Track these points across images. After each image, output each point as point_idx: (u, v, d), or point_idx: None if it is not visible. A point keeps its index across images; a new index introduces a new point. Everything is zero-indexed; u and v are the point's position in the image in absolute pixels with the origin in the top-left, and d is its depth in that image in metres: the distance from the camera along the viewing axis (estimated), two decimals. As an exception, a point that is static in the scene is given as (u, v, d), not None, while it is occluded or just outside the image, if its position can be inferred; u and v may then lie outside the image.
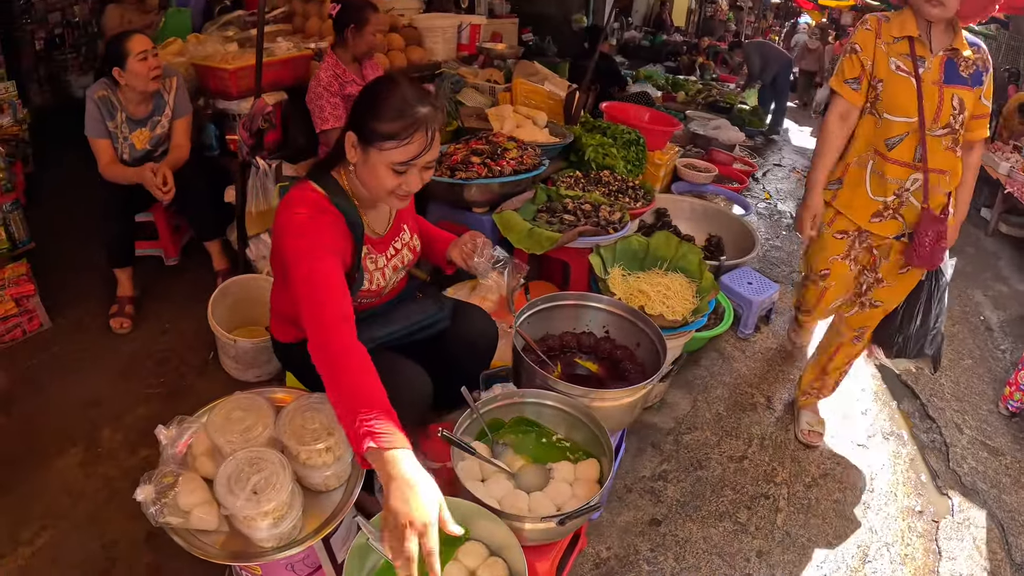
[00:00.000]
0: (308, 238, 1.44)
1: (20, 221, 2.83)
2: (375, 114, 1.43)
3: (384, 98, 1.45)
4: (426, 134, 1.45)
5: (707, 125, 5.62)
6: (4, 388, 2.43)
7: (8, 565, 1.85)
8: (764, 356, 3.16)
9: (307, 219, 1.47)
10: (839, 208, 2.28)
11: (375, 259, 1.70)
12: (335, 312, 1.36)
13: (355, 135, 1.48)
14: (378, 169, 1.47)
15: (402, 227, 1.79)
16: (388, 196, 1.53)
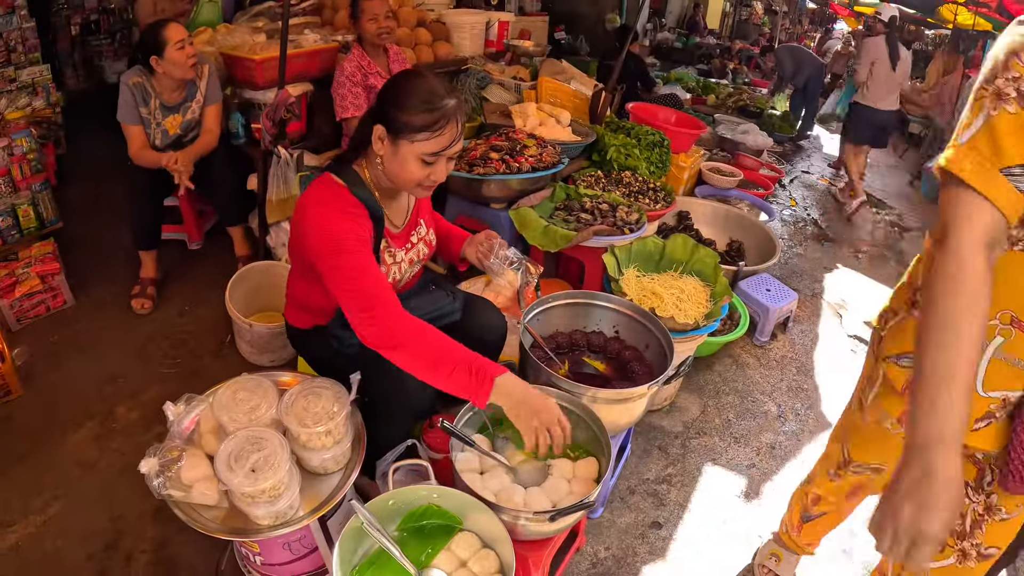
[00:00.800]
0: (342, 233, 1.47)
1: (49, 201, 2.92)
2: (406, 107, 1.45)
3: (414, 91, 1.47)
4: (456, 125, 1.49)
5: (735, 129, 5.55)
6: (26, 362, 2.50)
7: (19, 532, 1.91)
8: (779, 364, 3.11)
9: (339, 214, 1.50)
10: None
11: (393, 253, 1.71)
12: (391, 296, 1.45)
13: (383, 128, 1.49)
14: (408, 161, 1.49)
15: (419, 221, 1.81)
16: (415, 187, 1.56)
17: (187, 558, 1.86)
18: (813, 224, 5.05)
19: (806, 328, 3.45)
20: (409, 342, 1.41)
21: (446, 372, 1.38)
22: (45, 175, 2.92)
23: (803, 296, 3.80)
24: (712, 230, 4.00)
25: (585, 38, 9.93)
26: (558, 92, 4.06)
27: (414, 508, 1.47)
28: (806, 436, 2.65)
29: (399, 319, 1.43)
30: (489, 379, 1.38)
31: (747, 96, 6.89)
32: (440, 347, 1.41)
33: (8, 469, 2.11)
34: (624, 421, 1.93)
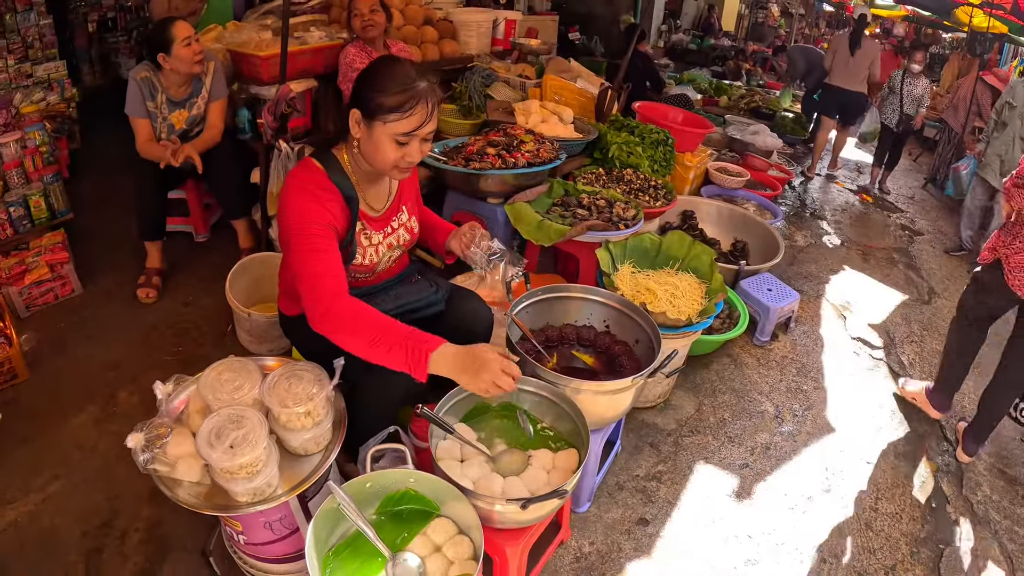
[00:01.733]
0: (306, 217, 1.52)
1: (60, 193, 2.99)
2: (378, 89, 1.50)
3: (386, 74, 1.52)
4: (427, 106, 1.53)
5: (745, 130, 5.54)
6: (33, 347, 2.57)
7: (18, 509, 1.97)
8: (779, 365, 3.09)
9: (307, 198, 1.55)
10: None
11: (370, 235, 1.75)
12: (334, 284, 1.49)
13: (359, 111, 1.54)
14: (382, 141, 1.53)
15: (401, 207, 1.84)
16: (392, 169, 1.60)
17: (178, 538, 1.91)
18: (821, 226, 5.01)
19: (808, 329, 3.43)
20: (345, 325, 1.45)
21: (383, 351, 1.42)
22: (57, 167, 3.00)
23: (807, 297, 3.77)
24: (717, 230, 3.99)
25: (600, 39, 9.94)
26: (563, 90, 4.08)
27: (392, 492, 1.49)
28: (802, 437, 2.64)
29: (336, 303, 1.47)
30: (424, 354, 1.41)
31: (759, 98, 6.85)
32: (376, 327, 1.44)
33: (12, 449, 2.17)
34: (610, 414, 1.94)
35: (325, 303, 1.47)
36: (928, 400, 2.85)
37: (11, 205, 2.81)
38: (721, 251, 3.70)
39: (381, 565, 1.36)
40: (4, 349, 2.33)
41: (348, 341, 1.45)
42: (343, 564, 1.37)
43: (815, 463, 2.51)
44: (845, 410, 2.84)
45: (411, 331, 1.45)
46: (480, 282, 2.80)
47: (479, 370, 1.41)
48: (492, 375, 1.41)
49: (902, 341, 3.45)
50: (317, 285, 1.48)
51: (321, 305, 1.47)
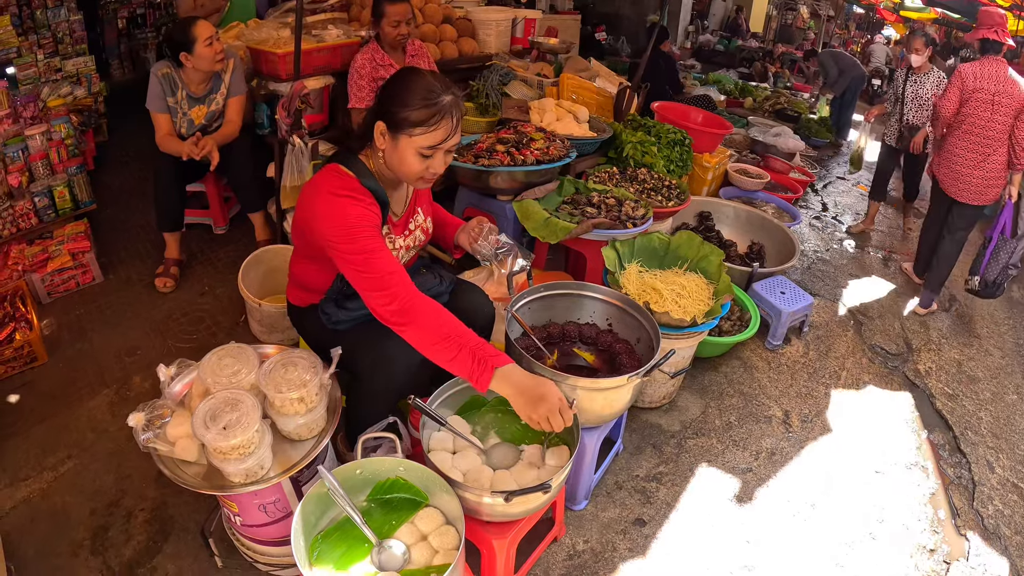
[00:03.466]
0: (352, 220, 1.54)
1: (83, 184, 3.09)
2: (404, 103, 1.53)
3: (411, 88, 1.55)
4: (451, 120, 1.56)
5: (767, 132, 5.46)
6: (53, 332, 2.67)
7: (31, 486, 2.05)
8: (790, 369, 3.05)
9: (349, 201, 1.57)
10: None
11: (393, 240, 1.78)
12: (404, 278, 1.54)
13: (384, 124, 1.57)
14: (407, 154, 1.56)
15: (417, 210, 1.88)
16: (416, 180, 1.64)
17: (181, 519, 1.97)
18: (842, 230, 4.91)
19: (823, 334, 3.37)
20: (421, 321, 1.50)
21: (452, 354, 1.47)
22: (81, 160, 3.10)
23: (823, 301, 3.71)
24: (734, 231, 3.95)
25: (626, 39, 9.91)
26: (580, 89, 4.08)
27: (382, 480, 1.52)
28: (810, 443, 2.59)
29: (413, 298, 1.52)
30: (490, 368, 1.46)
31: (785, 99, 6.74)
32: (450, 329, 1.50)
33: (28, 429, 2.26)
34: (607, 412, 1.93)
35: (403, 298, 1.51)
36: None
37: (36, 195, 2.91)
38: (737, 253, 3.65)
39: (367, 551, 1.38)
40: (25, 333, 2.42)
41: (419, 335, 1.50)
42: (331, 548, 1.40)
43: (821, 470, 2.47)
44: (856, 417, 2.78)
45: (482, 342, 1.49)
46: (488, 278, 2.82)
47: (538, 402, 1.45)
48: (549, 411, 1.44)
49: (919, 349, 3.37)
50: (390, 282, 1.52)
51: (399, 301, 1.51)
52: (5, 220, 2.83)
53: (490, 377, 1.45)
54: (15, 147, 2.94)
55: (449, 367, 1.48)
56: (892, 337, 3.45)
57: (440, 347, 1.47)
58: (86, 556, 1.87)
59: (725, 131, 4.41)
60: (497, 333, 2.20)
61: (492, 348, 1.49)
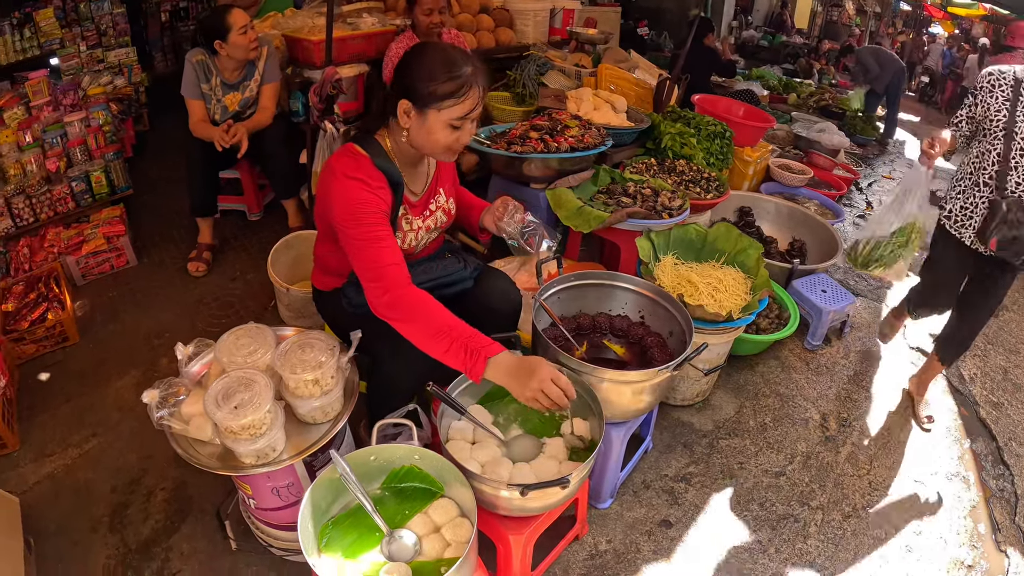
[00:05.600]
0: (360, 206, 1.52)
1: (120, 169, 3.13)
2: (429, 77, 1.49)
3: (434, 62, 1.51)
4: (478, 88, 1.53)
5: (811, 128, 5.27)
6: (86, 313, 2.71)
7: (55, 461, 2.08)
8: (829, 371, 2.90)
9: (359, 186, 1.54)
10: None
11: (410, 220, 1.74)
12: (400, 272, 1.52)
13: (408, 101, 1.53)
14: (436, 128, 1.54)
15: (438, 190, 1.83)
16: (444, 152, 1.60)
17: (199, 500, 1.96)
18: (891, 230, 4.69)
19: (864, 335, 3.20)
20: (412, 315, 1.48)
21: (444, 347, 1.44)
22: (118, 146, 3.15)
23: (866, 302, 3.53)
24: (774, 227, 3.81)
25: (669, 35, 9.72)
26: (619, 79, 3.99)
27: (397, 468, 1.47)
28: (847, 448, 2.45)
29: (405, 292, 1.49)
30: (483, 358, 1.42)
31: (829, 96, 6.51)
32: (441, 322, 1.46)
33: (57, 407, 2.29)
34: (634, 407, 1.86)
35: (393, 292, 1.49)
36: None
37: (74, 180, 2.97)
38: (777, 250, 3.52)
39: (378, 540, 1.33)
40: (57, 313, 2.46)
41: (411, 329, 1.48)
42: (341, 535, 1.35)
43: (858, 477, 2.33)
44: (896, 423, 2.63)
45: (474, 332, 1.46)
46: (519, 268, 2.76)
47: (528, 378, 1.41)
48: (539, 382, 1.40)
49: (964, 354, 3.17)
50: (384, 274, 1.50)
51: (389, 294, 1.48)
52: (43, 204, 2.89)
53: (483, 367, 1.41)
54: (54, 133, 3.00)
55: (444, 360, 1.46)
56: (937, 341, 3.26)
57: (434, 341, 1.45)
58: (104, 532, 1.88)
59: (767, 125, 4.25)
60: (525, 324, 2.13)
61: (485, 338, 1.45)
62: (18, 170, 2.94)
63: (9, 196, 2.82)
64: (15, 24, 3.39)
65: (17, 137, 3.00)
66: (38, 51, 3.48)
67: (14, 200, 2.83)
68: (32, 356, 2.48)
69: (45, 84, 3.19)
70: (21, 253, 2.81)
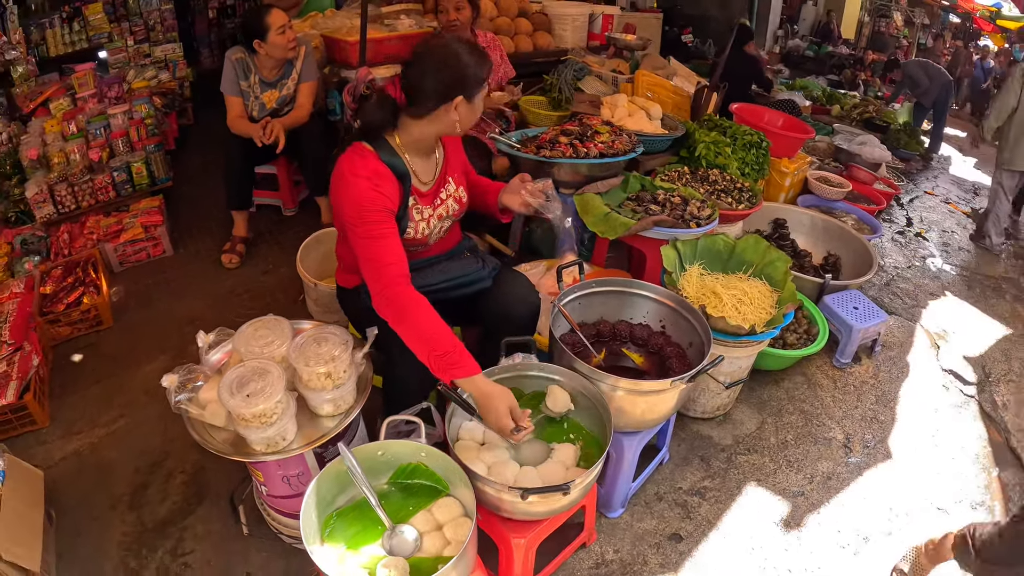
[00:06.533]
0: (364, 204, 1.57)
1: (160, 161, 3.24)
2: (472, 68, 1.60)
3: (465, 54, 1.60)
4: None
5: (852, 140, 5.13)
6: (121, 299, 2.80)
7: (83, 440, 2.16)
8: (857, 390, 2.81)
9: (363, 185, 1.58)
10: None
11: (421, 209, 1.77)
12: (397, 271, 1.55)
13: (462, 96, 1.61)
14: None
15: (448, 179, 1.85)
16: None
17: (216, 484, 2.02)
18: (926, 247, 4.53)
19: (896, 355, 3.10)
20: (402, 316, 1.52)
21: (425, 352, 1.49)
22: (160, 139, 3.25)
23: (899, 320, 3.42)
24: (809, 241, 3.72)
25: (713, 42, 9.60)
26: (655, 86, 3.95)
27: (404, 464, 1.48)
28: (870, 471, 2.37)
29: (398, 292, 1.53)
30: (449, 379, 1.48)
31: (874, 108, 6.32)
32: (426, 328, 1.51)
33: (87, 387, 2.38)
34: (649, 418, 1.84)
35: (389, 290, 1.53)
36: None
37: (115, 170, 3.08)
38: (811, 264, 3.43)
39: (380, 533, 1.35)
40: (93, 297, 2.55)
41: (400, 330, 1.53)
42: (345, 525, 1.38)
43: (879, 501, 2.25)
44: (923, 447, 2.53)
45: (452, 347, 1.49)
46: (545, 272, 2.75)
47: (486, 415, 1.50)
48: (497, 427, 1.49)
49: (998, 379, 3.04)
50: (384, 273, 1.54)
51: (388, 291, 1.53)
52: (84, 192, 3.01)
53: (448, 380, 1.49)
54: (98, 124, 3.12)
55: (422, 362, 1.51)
56: (970, 364, 3.13)
57: (417, 345, 1.51)
58: (123, 510, 1.95)
59: (806, 136, 4.15)
60: (544, 327, 2.13)
61: (461, 356, 1.49)
62: (62, 159, 3.07)
63: (52, 183, 2.95)
64: (65, 17, 3.54)
65: (62, 127, 3.14)
66: (86, 44, 3.63)
67: (57, 187, 2.97)
68: (67, 338, 2.58)
69: (91, 77, 3.32)
70: (61, 239, 2.93)
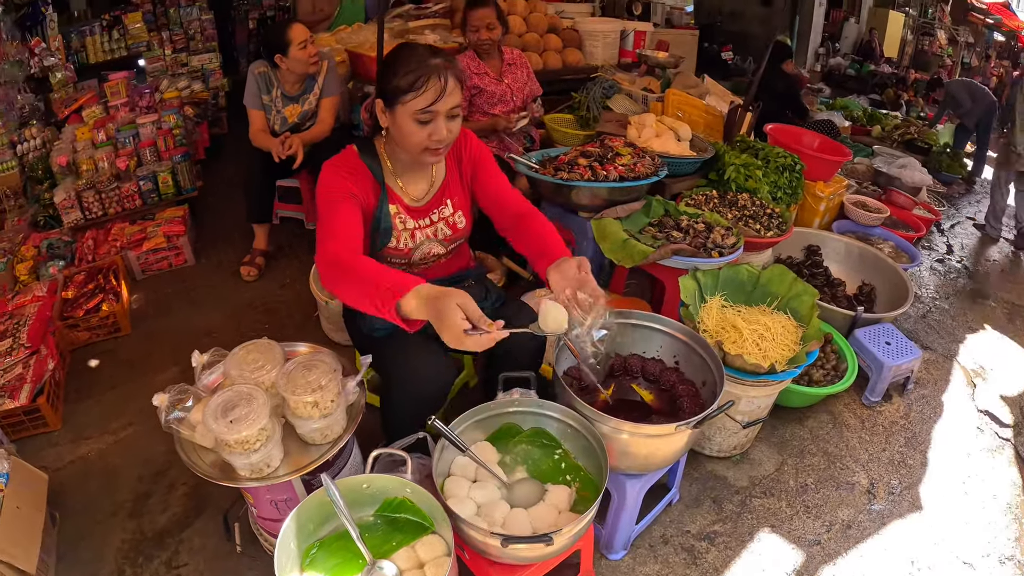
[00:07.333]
0: (328, 186, 1.60)
1: (186, 172, 3.30)
2: (393, 73, 1.52)
3: (399, 59, 1.55)
4: (440, 80, 1.51)
5: (892, 163, 4.93)
6: (141, 307, 2.85)
7: (91, 445, 2.21)
8: (886, 431, 2.66)
9: (333, 172, 1.63)
10: None
11: (404, 219, 1.75)
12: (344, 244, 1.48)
13: (382, 101, 1.57)
14: (405, 123, 1.55)
15: (445, 201, 1.81)
16: (423, 152, 1.60)
17: (215, 499, 2.02)
18: (967, 276, 4.32)
19: (929, 393, 2.93)
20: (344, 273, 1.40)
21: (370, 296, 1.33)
22: (186, 149, 3.31)
23: (935, 356, 3.24)
24: (843, 269, 3.57)
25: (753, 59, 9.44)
26: (686, 105, 3.86)
27: (390, 498, 1.44)
28: (893, 520, 2.23)
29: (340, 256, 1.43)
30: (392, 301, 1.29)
31: (915, 129, 6.09)
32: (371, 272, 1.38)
33: (102, 393, 2.43)
34: (653, 461, 1.76)
35: (331, 254, 1.45)
36: None
37: (142, 179, 3.15)
38: (844, 294, 3.28)
39: (360, 567, 1.31)
40: (112, 304, 2.59)
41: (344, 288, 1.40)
42: (326, 556, 1.35)
43: (900, 553, 2.11)
44: (952, 495, 2.38)
45: (401, 275, 1.35)
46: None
47: (440, 328, 1.26)
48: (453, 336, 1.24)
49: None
50: (329, 244, 1.47)
51: (329, 255, 1.44)
52: (111, 199, 3.08)
53: (394, 309, 1.28)
54: (127, 133, 3.20)
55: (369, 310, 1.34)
56: (1008, 404, 2.94)
57: (362, 296, 1.34)
58: (124, 517, 1.98)
59: (842, 159, 4.00)
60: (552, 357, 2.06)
61: (404, 279, 1.32)
62: (91, 166, 3.16)
63: (80, 190, 3.04)
64: (105, 26, 3.65)
65: (92, 135, 3.23)
66: (125, 52, 3.73)
67: (85, 194, 3.05)
68: (85, 343, 2.64)
69: (123, 85, 3.41)
70: (86, 244, 3.01)
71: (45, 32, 3.47)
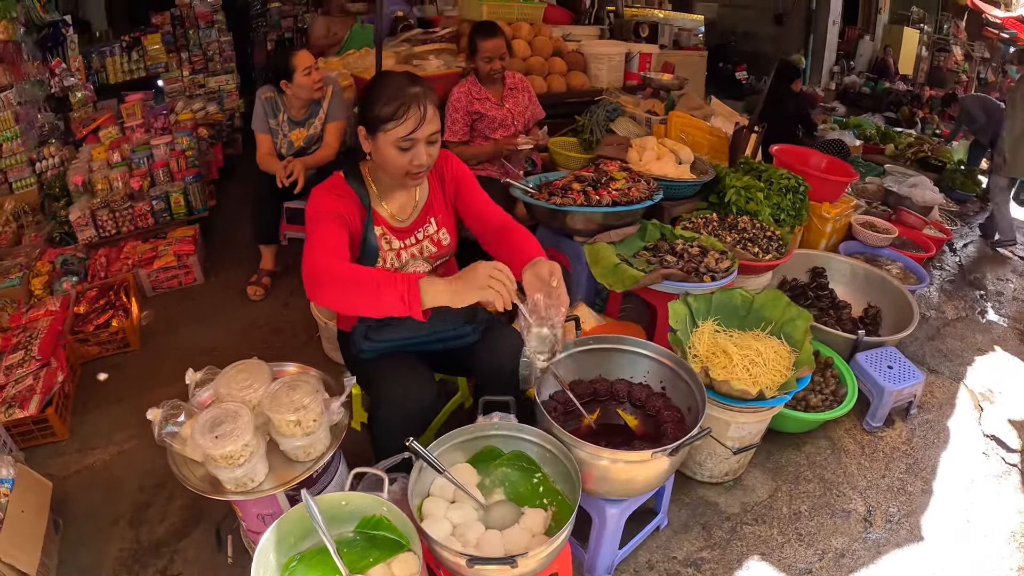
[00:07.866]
0: (317, 208, 1.68)
1: (198, 192, 3.41)
2: (373, 102, 1.59)
3: (379, 88, 1.62)
4: (419, 109, 1.58)
5: (903, 182, 4.89)
6: (150, 323, 2.94)
7: (96, 455, 2.31)
8: (886, 457, 2.63)
9: (323, 195, 1.71)
10: None
11: (390, 240, 1.81)
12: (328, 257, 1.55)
13: (364, 128, 1.64)
14: (386, 150, 1.62)
15: (429, 219, 1.88)
16: (404, 176, 1.67)
17: (211, 511, 2.09)
18: (978, 296, 4.25)
19: (934, 418, 2.89)
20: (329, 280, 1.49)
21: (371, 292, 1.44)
22: (198, 170, 3.42)
23: (942, 379, 3.19)
24: (849, 291, 3.54)
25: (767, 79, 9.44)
26: (690, 127, 3.88)
27: (368, 516, 1.48)
28: (889, 549, 2.20)
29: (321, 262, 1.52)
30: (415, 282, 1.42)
31: (929, 147, 6.03)
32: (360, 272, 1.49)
33: (108, 406, 2.53)
34: (633, 487, 1.77)
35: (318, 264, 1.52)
36: None
37: (155, 199, 3.26)
38: (849, 316, 3.26)
39: (338, 583, 1.35)
40: (121, 320, 2.69)
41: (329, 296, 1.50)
42: (306, 570, 1.39)
43: (899, 587, 2.09)
44: (953, 523, 2.34)
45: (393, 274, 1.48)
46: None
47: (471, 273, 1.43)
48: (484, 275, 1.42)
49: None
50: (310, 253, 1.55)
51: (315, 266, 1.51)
52: (125, 218, 3.20)
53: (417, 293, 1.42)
54: (142, 154, 3.32)
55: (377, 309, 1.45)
56: (1016, 429, 2.89)
57: (355, 294, 1.46)
58: (123, 526, 2.06)
59: (849, 179, 3.99)
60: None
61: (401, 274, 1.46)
62: (105, 185, 3.28)
63: (95, 208, 3.16)
64: (124, 47, 3.79)
65: (108, 155, 3.35)
66: (144, 73, 3.88)
67: (99, 212, 3.17)
68: (95, 357, 2.75)
69: (139, 107, 3.55)
70: (99, 261, 3.12)
71: (66, 53, 3.61)
